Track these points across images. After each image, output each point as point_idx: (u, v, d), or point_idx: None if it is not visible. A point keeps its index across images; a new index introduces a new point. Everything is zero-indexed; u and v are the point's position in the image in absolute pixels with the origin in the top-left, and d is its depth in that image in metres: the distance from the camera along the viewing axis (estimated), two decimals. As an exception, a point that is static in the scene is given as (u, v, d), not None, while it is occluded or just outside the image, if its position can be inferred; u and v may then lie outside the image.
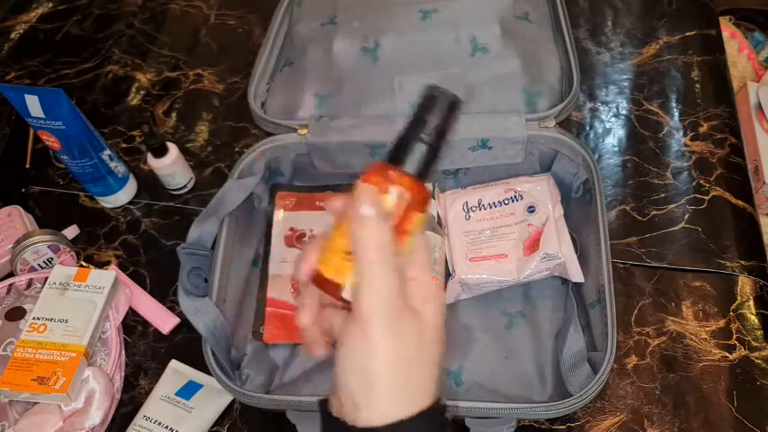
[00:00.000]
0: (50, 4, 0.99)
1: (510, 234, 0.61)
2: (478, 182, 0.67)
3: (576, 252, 0.60)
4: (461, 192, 0.65)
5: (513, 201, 0.63)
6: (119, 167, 0.73)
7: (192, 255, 0.59)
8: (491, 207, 0.63)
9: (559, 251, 0.58)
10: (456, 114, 0.33)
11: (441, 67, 0.65)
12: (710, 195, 0.70)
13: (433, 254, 0.60)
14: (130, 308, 0.67)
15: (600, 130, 0.77)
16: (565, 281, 0.62)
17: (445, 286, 0.61)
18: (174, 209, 0.75)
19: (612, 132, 0.76)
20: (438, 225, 0.63)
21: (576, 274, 0.58)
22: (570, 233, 0.61)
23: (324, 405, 0.32)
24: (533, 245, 0.60)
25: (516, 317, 0.61)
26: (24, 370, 0.57)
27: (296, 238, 0.67)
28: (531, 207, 0.62)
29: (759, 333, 0.61)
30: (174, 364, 0.63)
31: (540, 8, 0.71)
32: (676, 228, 0.68)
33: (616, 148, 0.75)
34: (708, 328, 0.62)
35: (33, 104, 0.63)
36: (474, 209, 0.64)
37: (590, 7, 0.88)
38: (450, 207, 0.64)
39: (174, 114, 0.83)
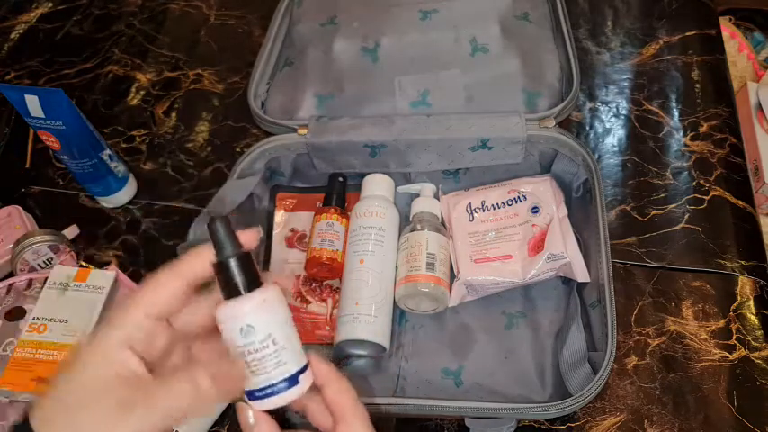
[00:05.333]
0: (50, 4, 0.99)
1: (514, 235, 0.61)
2: (478, 182, 0.67)
3: (581, 251, 0.60)
4: (464, 193, 0.65)
5: (516, 201, 0.63)
6: (119, 167, 0.73)
7: (192, 255, 0.59)
8: (495, 208, 0.63)
9: (565, 251, 0.58)
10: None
11: (441, 67, 0.65)
12: (710, 195, 0.70)
13: (438, 255, 0.60)
14: (130, 308, 0.67)
15: (600, 130, 0.76)
16: (567, 281, 0.62)
17: (450, 288, 0.61)
18: (174, 209, 0.75)
19: (612, 132, 0.76)
20: (442, 226, 0.63)
21: (582, 274, 0.58)
22: (575, 233, 0.61)
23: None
24: (538, 245, 0.59)
25: (516, 317, 0.61)
26: (24, 370, 0.57)
27: (296, 240, 0.67)
28: (534, 208, 0.62)
29: (759, 333, 0.61)
30: (174, 364, 0.63)
31: (540, 8, 0.71)
32: (676, 228, 0.68)
33: (616, 148, 0.75)
34: (708, 328, 0.62)
35: (33, 104, 0.63)
36: (478, 210, 0.63)
37: (590, 7, 0.88)
38: (454, 208, 0.64)
39: (173, 114, 0.83)
